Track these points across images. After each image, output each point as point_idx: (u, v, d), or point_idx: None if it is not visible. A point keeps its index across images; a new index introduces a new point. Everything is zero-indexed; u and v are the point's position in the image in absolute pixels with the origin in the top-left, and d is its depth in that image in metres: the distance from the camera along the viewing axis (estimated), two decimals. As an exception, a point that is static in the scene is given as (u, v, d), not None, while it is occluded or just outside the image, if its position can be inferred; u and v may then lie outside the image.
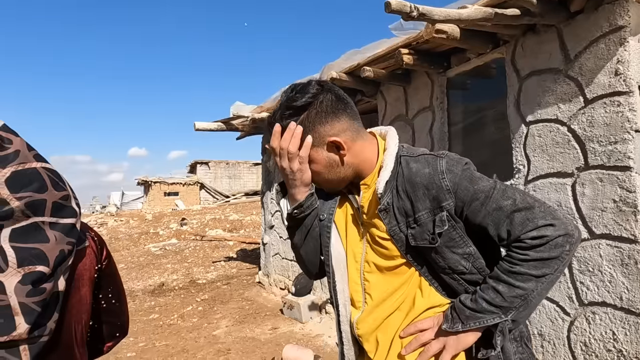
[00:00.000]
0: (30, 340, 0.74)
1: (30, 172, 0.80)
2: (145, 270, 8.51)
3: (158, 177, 30.29)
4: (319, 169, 1.08)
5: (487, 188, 0.99)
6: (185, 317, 5.35)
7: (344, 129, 1.06)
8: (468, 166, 1.04)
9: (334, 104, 1.06)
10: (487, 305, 0.96)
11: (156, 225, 18.14)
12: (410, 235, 1.02)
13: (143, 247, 12.09)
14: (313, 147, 1.05)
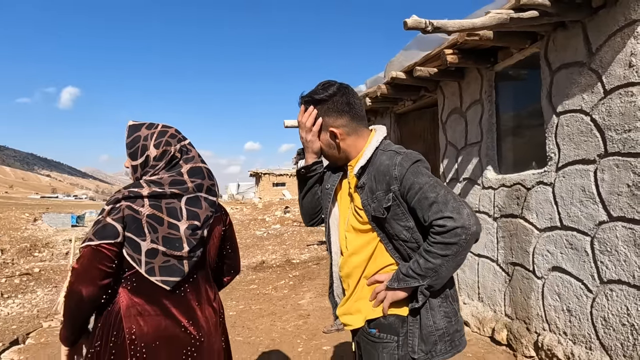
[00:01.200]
0: (188, 258, 1.43)
1: (198, 168, 1.55)
2: (250, 250, 9.77)
3: (267, 169, 32.82)
4: (322, 145, 1.55)
5: (422, 182, 1.33)
6: (277, 289, 6.25)
7: (343, 125, 1.48)
8: (417, 164, 1.38)
9: (342, 105, 1.48)
10: (411, 272, 1.33)
11: (264, 212, 19.93)
12: (372, 208, 1.45)
13: (252, 231, 13.64)
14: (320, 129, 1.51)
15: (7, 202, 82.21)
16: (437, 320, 1.39)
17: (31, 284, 10.32)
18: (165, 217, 1.41)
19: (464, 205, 1.29)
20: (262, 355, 3.70)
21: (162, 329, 1.40)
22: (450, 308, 1.42)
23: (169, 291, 1.40)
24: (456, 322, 1.43)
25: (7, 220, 40.37)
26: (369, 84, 5.06)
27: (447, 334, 1.40)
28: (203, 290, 1.54)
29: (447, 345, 1.40)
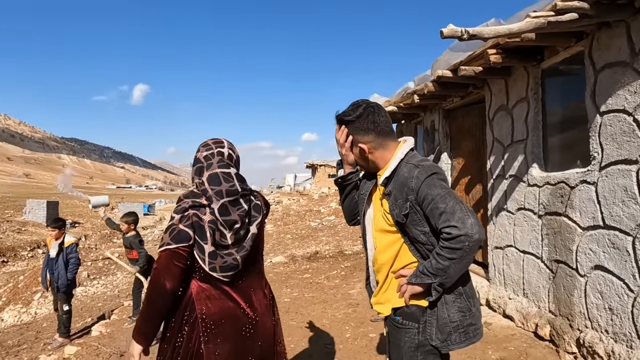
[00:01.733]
0: (239, 253, 1.73)
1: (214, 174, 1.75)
2: (305, 240, 10.19)
3: (323, 161, 33.28)
4: (355, 158, 1.78)
5: (434, 194, 1.52)
6: (330, 279, 6.56)
7: (370, 141, 1.70)
8: (433, 176, 1.56)
9: (368, 124, 1.68)
10: (425, 271, 1.54)
11: (320, 204, 20.37)
12: (395, 213, 1.67)
13: (307, 222, 14.10)
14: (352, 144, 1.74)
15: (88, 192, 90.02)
16: (452, 314, 1.59)
17: (112, 267, 11.55)
18: (220, 224, 1.70)
19: (470, 215, 1.46)
20: (313, 339, 4.02)
21: (225, 309, 1.73)
22: (464, 304, 1.61)
23: (229, 281, 1.73)
24: (471, 317, 1.61)
25: (88, 209, 44.35)
26: (417, 81, 5.15)
27: (461, 327, 1.59)
28: (256, 279, 1.87)
29: (461, 336, 1.59)
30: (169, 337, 1.73)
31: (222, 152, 1.84)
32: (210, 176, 1.75)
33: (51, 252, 5.25)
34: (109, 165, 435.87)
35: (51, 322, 6.71)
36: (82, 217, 35.78)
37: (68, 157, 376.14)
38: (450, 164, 5.27)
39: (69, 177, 19.42)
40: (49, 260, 5.27)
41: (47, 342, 5.48)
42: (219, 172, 1.76)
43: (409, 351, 1.63)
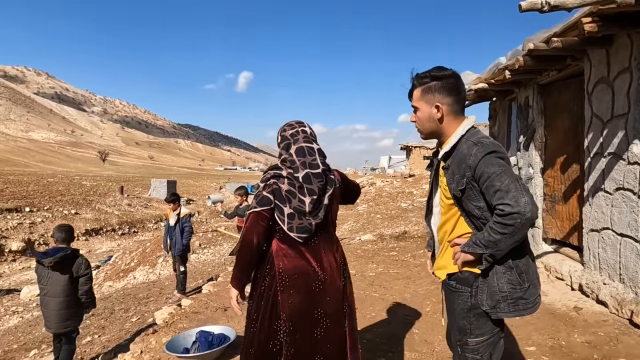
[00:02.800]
0: (314, 219, 2.01)
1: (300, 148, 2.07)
2: (394, 220, 10.29)
3: (418, 142, 32.50)
4: (421, 117, 1.81)
5: (491, 172, 1.59)
6: (416, 257, 6.65)
7: (448, 103, 1.74)
8: (490, 155, 1.62)
9: (451, 87, 1.74)
10: (478, 242, 1.64)
11: (413, 186, 20.13)
12: (452, 188, 1.78)
13: (398, 203, 14.12)
14: (424, 101, 1.77)
15: (200, 174, 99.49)
16: (501, 284, 1.68)
17: (219, 238, 12.91)
18: (298, 193, 2.01)
19: (524, 194, 1.54)
20: (393, 310, 4.23)
21: (298, 266, 2.05)
22: (514, 277, 1.68)
23: (304, 242, 2.04)
24: (521, 290, 1.68)
25: (201, 187, 49.17)
26: (509, 57, 4.92)
27: (509, 298, 1.68)
28: (327, 244, 2.14)
29: (509, 307, 1.68)
30: (254, 286, 2.14)
31: (305, 131, 2.15)
32: (297, 149, 2.06)
33: (170, 221, 6.17)
34: (218, 149, 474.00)
35: (171, 282, 7.86)
36: (196, 195, 39.89)
37: (183, 141, 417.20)
38: (544, 142, 4.98)
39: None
40: (168, 228, 6.21)
41: (168, 296, 6.49)
42: (304, 146, 2.07)
43: (462, 312, 1.77)
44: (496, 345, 1.79)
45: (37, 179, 37.49)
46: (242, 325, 4.00)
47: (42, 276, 3.69)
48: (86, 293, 3.80)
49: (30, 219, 20.81)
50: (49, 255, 3.59)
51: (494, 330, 1.76)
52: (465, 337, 1.77)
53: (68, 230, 3.87)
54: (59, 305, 3.61)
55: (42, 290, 3.72)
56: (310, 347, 2.05)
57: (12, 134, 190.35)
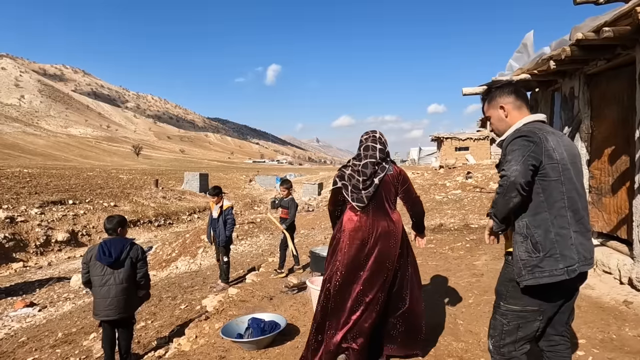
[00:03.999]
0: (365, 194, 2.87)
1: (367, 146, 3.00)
2: (429, 213, 10.25)
3: (449, 133, 31.96)
4: (494, 121, 2.18)
5: (509, 149, 1.91)
6: (454, 250, 6.65)
7: (509, 102, 2.12)
8: (515, 140, 1.91)
9: (509, 89, 2.14)
10: (491, 204, 2.01)
11: (445, 178, 19.89)
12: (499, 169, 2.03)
13: (431, 195, 14.02)
14: (492, 107, 2.17)
15: (229, 166, 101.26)
16: (520, 253, 1.92)
17: (255, 230, 13.21)
18: (356, 175, 2.89)
19: (519, 163, 1.83)
20: (434, 301, 4.29)
21: (357, 226, 2.86)
22: (529, 246, 1.91)
23: (361, 210, 2.86)
24: (537, 259, 1.88)
25: (231, 180, 50.13)
26: (554, 47, 4.83)
27: (528, 265, 1.90)
28: (381, 214, 2.89)
29: (528, 274, 1.89)
30: (332, 238, 3.06)
31: (375, 135, 3.01)
32: (364, 146, 2.97)
33: (213, 213, 6.41)
34: (246, 142, 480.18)
35: (213, 272, 8.16)
36: (227, 188, 40.71)
37: (213, 135, 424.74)
38: (590, 134, 4.88)
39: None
40: (212, 220, 6.45)
41: (212, 285, 6.75)
42: (369, 145, 2.96)
43: (504, 280, 2.05)
44: (527, 323, 1.97)
45: (78, 172, 39.18)
46: (289, 314, 4.17)
47: (97, 270, 3.82)
48: (144, 276, 4.01)
49: (73, 211, 21.85)
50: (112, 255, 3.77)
51: (528, 307, 1.95)
52: (500, 300, 2.03)
53: (119, 221, 4.06)
54: (123, 292, 3.82)
55: (100, 280, 3.82)
56: (352, 281, 2.84)
57: (52, 130, 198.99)
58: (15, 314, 8.80)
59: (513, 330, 1.97)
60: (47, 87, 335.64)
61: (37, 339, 6.20)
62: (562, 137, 2.03)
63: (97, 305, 3.85)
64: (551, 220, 1.89)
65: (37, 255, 17.79)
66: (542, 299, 1.93)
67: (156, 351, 4.26)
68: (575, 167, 1.98)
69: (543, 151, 1.87)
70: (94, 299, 3.90)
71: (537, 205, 1.91)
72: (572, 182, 1.93)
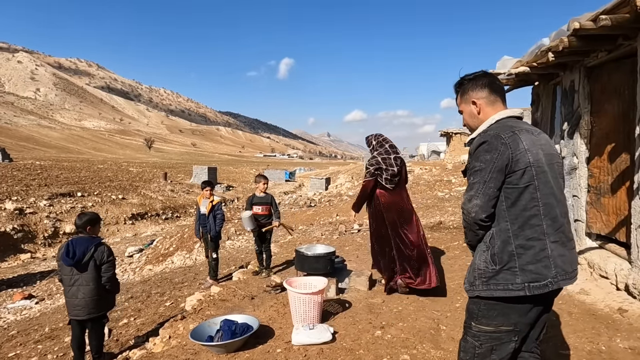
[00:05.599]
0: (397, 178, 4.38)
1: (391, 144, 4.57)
2: (430, 210, 10.03)
3: (458, 129, 31.46)
4: (466, 117, 1.97)
5: (472, 166, 1.75)
6: (449, 249, 6.45)
7: (482, 97, 1.90)
8: (479, 148, 1.74)
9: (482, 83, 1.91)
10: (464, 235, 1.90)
11: (452, 174, 19.58)
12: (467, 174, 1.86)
13: (435, 192, 13.75)
14: (464, 102, 1.96)
15: (240, 160, 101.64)
16: (479, 262, 1.77)
17: (254, 225, 13.13)
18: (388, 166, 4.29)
19: (479, 197, 1.70)
20: (421, 304, 4.11)
21: (392, 201, 4.29)
22: (488, 257, 1.74)
23: (392, 189, 4.29)
24: (492, 272, 1.72)
25: (240, 174, 50.24)
26: (553, 38, 4.56)
27: (483, 276, 1.73)
28: (404, 192, 4.44)
29: (483, 285, 1.73)
30: (369, 210, 4.47)
31: (387, 138, 4.54)
32: (389, 146, 4.45)
33: (202, 209, 6.27)
34: (257, 136, 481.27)
35: (206, 267, 8.06)
36: (235, 182, 40.79)
37: (224, 128, 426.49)
38: (589, 130, 4.62)
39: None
40: (200, 215, 6.32)
41: (201, 282, 6.66)
42: (393, 144, 4.50)
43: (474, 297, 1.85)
44: (502, 344, 1.78)
45: (89, 165, 39.60)
46: (267, 315, 4.03)
47: (66, 269, 3.72)
48: (109, 280, 3.82)
49: (81, 203, 22.07)
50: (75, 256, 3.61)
51: (502, 328, 1.76)
52: (471, 320, 1.83)
53: (90, 219, 3.89)
54: (91, 292, 3.70)
55: (69, 280, 3.73)
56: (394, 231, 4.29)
57: (66, 123, 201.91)
58: (13, 306, 8.84)
59: (486, 353, 1.78)
60: (62, 80, 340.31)
61: (26, 333, 6.17)
62: (539, 135, 1.82)
63: (67, 305, 3.76)
64: (513, 231, 1.70)
65: (45, 246, 18.00)
66: (517, 316, 1.74)
67: (130, 350, 4.16)
68: (552, 168, 1.77)
69: (511, 158, 1.68)
70: (65, 298, 3.80)
71: (499, 214, 1.73)
72: (549, 186, 1.73)
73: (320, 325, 3.50)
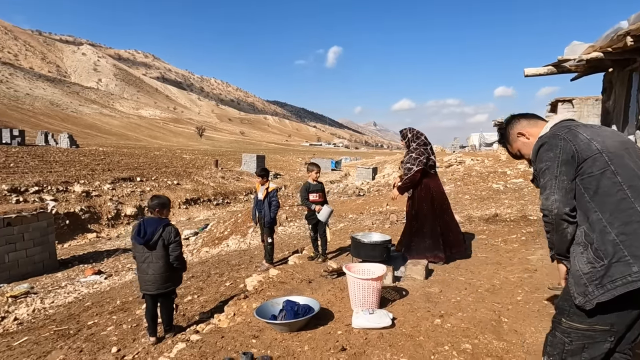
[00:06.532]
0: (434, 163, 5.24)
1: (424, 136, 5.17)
2: (484, 202, 9.75)
3: (514, 118, 30.02)
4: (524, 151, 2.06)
5: (539, 167, 1.79)
6: (507, 242, 6.26)
7: (524, 125, 2.05)
8: (540, 149, 1.80)
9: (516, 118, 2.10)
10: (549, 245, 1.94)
11: (507, 165, 18.84)
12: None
13: (489, 184, 13.32)
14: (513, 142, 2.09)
15: (286, 149, 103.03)
16: (582, 266, 1.65)
17: (305, 213, 13.34)
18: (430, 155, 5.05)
19: (555, 192, 1.67)
20: (480, 295, 4.06)
21: (433, 184, 5.00)
22: (591, 255, 1.64)
23: (434, 174, 5.08)
24: (603, 268, 1.60)
25: (287, 162, 51.07)
26: (633, 20, 4.28)
27: (594, 278, 1.60)
28: (435, 174, 5.12)
29: (598, 289, 1.60)
30: (420, 189, 4.94)
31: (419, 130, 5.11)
32: (425, 137, 5.09)
33: (259, 194, 6.50)
34: (304, 125, 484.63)
35: (260, 251, 8.36)
36: (283, 170, 41.51)
37: (272, 117, 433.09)
38: (672, 120, 4.31)
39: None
40: (257, 201, 6.55)
41: (257, 265, 6.92)
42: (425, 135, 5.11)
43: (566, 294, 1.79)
44: (595, 344, 1.68)
45: (146, 152, 41.76)
46: (325, 298, 4.15)
47: (139, 247, 4.03)
48: (177, 259, 4.09)
49: (140, 187, 23.38)
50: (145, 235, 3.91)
51: (597, 327, 1.66)
52: (561, 316, 1.78)
53: (161, 202, 4.16)
54: (160, 269, 3.99)
55: (141, 257, 4.05)
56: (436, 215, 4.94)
57: (125, 112, 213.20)
58: (85, 280, 9.62)
59: (577, 350, 1.71)
60: (121, 71, 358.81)
61: (99, 304, 6.72)
62: (600, 128, 1.80)
63: (140, 280, 4.07)
64: (606, 219, 1.61)
65: (108, 227, 19.30)
66: (616, 316, 1.62)
67: (197, 325, 4.44)
68: (629, 152, 1.70)
69: (574, 150, 1.67)
70: (137, 273, 4.12)
71: (585, 208, 1.67)
72: (629, 169, 1.64)
73: (379, 311, 3.56)
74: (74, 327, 5.55)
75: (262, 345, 3.23)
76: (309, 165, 6.33)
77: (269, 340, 3.32)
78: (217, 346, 3.28)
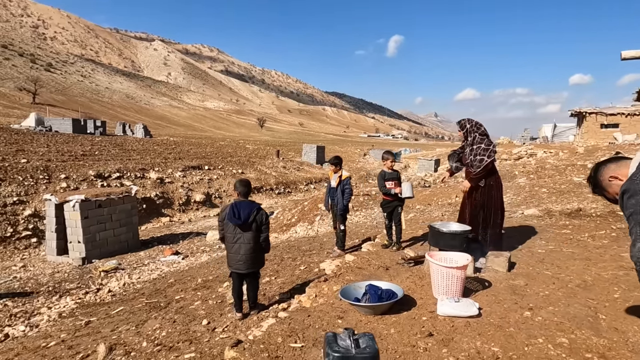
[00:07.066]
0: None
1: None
2: (564, 196, 9.18)
3: (594, 108, 27.83)
4: (613, 192, 2.20)
5: (630, 223, 1.88)
6: (595, 238, 5.87)
7: (613, 169, 2.16)
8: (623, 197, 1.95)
9: (604, 166, 2.20)
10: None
11: (586, 158, 17.60)
12: None
13: (568, 177, 12.49)
14: (607, 188, 2.21)
15: (345, 140, 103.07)
16: None
17: (370, 202, 13.36)
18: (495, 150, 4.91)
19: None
20: (571, 290, 3.87)
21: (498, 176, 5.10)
22: None
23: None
24: None
25: (346, 154, 51.10)
26: None
27: None
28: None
29: None
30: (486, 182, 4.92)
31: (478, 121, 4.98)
32: (484, 128, 4.90)
33: (332, 182, 6.60)
34: (362, 116, 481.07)
35: (329, 239, 8.52)
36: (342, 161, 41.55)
37: (330, 109, 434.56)
38: None
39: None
40: (330, 189, 6.66)
41: (328, 251, 7.06)
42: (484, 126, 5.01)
43: None
44: None
45: (212, 142, 43.71)
46: (405, 285, 4.16)
47: (230, 228, 4.27)
48: (265, 239, 4.35)
49: (208, 175, 24.58)
50: (240, 217, 4.15)
51: None
52: None
53: (247, 185, 4.40)
54: (250, 250, 4.24)
55: (232, 237, 4.29)
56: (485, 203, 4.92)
57: (192, 103, 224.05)
58: (165, 259, 10.36)
59: None
60: (189, 65, 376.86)
61: (182, 282, 7.22)
62: None
63: (230, 259, 4.33)
64: None
65: (180, 212, 20.55)
66: None
67: (279, 304, 4.64)
68: None
69: None
70: (227, 253, 4.38)
71: None
72: None
73: (465, 299, 3.52)
74: (163, 301, 6.02)
75: (347, 326, 3.32)
76: (383, 154, 6.33)
77: (354, 322, 3.41)
78: (304, 323, 3.42)
